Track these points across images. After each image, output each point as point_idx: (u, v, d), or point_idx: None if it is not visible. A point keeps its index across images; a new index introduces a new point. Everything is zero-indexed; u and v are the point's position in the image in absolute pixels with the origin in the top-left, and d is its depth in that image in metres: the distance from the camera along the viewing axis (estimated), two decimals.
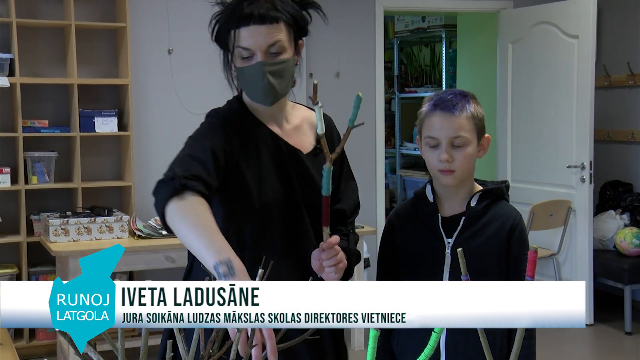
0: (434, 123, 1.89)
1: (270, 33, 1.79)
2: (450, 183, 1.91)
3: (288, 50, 1.84)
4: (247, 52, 1.80)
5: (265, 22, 1.78)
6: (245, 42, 1.79)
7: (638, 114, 5.87)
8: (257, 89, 1.84)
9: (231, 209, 1.87)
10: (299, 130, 1.98)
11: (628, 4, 5.93)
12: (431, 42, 7.86)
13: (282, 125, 1.95)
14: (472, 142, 1.89)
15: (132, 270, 4.83)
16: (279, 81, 1.83)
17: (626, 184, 5.93)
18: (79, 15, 4.81)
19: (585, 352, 5.06)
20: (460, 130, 1.86)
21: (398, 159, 7.92)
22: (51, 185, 4.78)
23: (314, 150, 1.95)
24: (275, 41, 1.80)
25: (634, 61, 5.85)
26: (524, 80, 5.85)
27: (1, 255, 4.81)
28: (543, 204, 5.34)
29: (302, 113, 2.03)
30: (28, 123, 4.71)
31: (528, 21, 5.78)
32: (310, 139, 1.98)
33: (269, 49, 1.80)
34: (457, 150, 1.87)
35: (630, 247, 5.37)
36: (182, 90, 4.95)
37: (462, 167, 1.88)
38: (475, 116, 1.89)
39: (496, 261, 1.90)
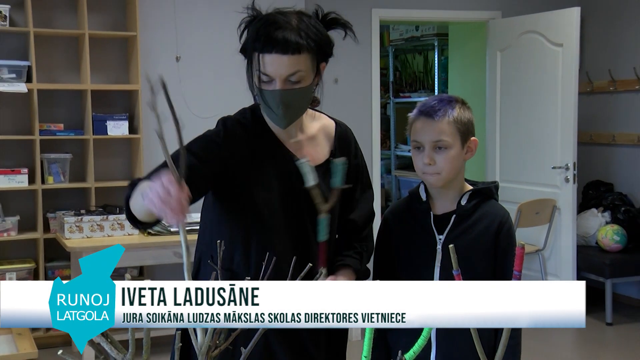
0: (417, 128, 1.90)
1: (292, 64, 1.73)
2: (434, 184, 1.91)
3: (307, 78, 1.78)
4: (267, 77, 1.74)
5: (288, 52, 1.71)
6: (267, 68, 1.73)
7: (619, 117, 5.85)
8: (272, 113, 1.79)
9: (237, 218, 1.84)
10: (314, 140, 1.93)
11: (609, 15, 5.91)
12: (424, 50, 7.83)
13: (296, 136, 1.90)
14: (455, 145, 1.87)
15: (142, 265, 4.80)
16: (293, 109, 1.79)
17: (607, 184, 5.91)
18: (92, 25, 4.79)
19: (569, 341, 5.03)
20: (441, 135, 1.86)
21: (393, 160, 7.89)
22: (66, 185, 4.75)
23: (326, 163, 1.90)
24: (295, 71, 1.74)
25: (615, 68, 5.83)
26: (512, 85, 5.83)
27: (20, 251, 4.80)
28: (529, 203, 5.32)
29: (321, 122, 1.98)
30: (44, 126, 4.69)
31: (515, 30, 5.76)
32: (325, 150, 1.93)
33: (288, 77, 1.74)
34: (439, 153, 1.87)
35: (611, 243, 5.36)
36: (189, 95, 4.92)
37: (445, 169, 1.87)
38: (459, 120, 1.87)
39: (485, 257, 1.89)
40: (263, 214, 1.82)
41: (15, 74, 4.56)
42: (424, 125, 1.88)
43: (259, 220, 1.82)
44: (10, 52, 4.73)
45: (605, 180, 5.95)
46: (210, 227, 1.91)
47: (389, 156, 7.87)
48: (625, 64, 5.75)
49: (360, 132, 5.61)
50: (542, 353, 4.63)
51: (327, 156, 1.93)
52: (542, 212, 5.41)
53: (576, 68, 5.30)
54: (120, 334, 4.97)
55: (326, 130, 1.96)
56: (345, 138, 1.98)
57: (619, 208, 5.57)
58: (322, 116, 1.99)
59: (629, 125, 5.76)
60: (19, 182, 4.59)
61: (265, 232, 1.83)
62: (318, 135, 1.94)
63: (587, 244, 5.59)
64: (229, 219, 1.86)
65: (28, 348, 3.41)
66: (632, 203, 5.64)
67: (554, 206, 5.46)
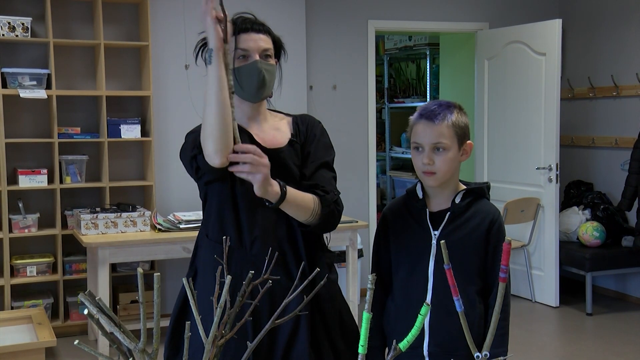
0: (418, 130, 1.91)
1: (264, 40, 1.90)
2: (431, 184, 1.92)
3: (273, 60, 1.94)
4: (244, 52, 1.86)
5: (260, 32, 1.90)
6: (245, 44, 1.86)
7: (598, 122, 5.85)
8: (252, 83, 1.87)
9: (224, 202, 1.91)
10: (277, 128, 1.99)
11: (589, 27, 5.91)
12: (417, 59, 7.82)
13: (262, 126, 1.96)
14: (452, 148, 1.88)
15: (153, 260, 4.80)
16: (270, 79, 1.90)
17: (587, 184, 5.91)
18: (108, 36, 4.79)
19: (551, 330, 5.02)
20: (440, 137, 1.87)
21: (388, 161, 7.88)
22: (83, 185, 4.74)
23: (289, 143, 1.95)
24: (267, 47, 1.90)
25: (594, 76, 5.83)
26: (499, 92, 5.82)
27: (40, 246, 4.80)
28: (515, 201, 5.32)
29: (282, 117, 2.05)
30: (62, 130, 4.69)
31: (502, 40, 5.75)
32: (287, 134, 1.98)
33: (263, 52, 1.88)
34: (438, 154, 1.88)
35: (591, 239, 5.35)
36: (197, 101, 4.91)
37: (442, 170, 1.88)
38: (457, 124, 1.88)
39: (476, 251, 1.90)
40: (241, 194, 1.88)
41: (36, 82, 4.56)
42: (425, 127, 1.88)
43: (243, 200, 1.89)
44: (31, 61, 4.73)
45: (586, 180, 5.95)
46: (208, 210, 1.98)
47: (384, 157, 7.87)
48: (604, 72, 5.75)
49: (357, 135, 5.67)
50: (525, 342, 4.62)
51: (289, 137, 1.97)
52: (527, 210, 5.40)
53: (558, 76, 5.30)
54: (132, 324, 4.99)
55: (287, 121, 2.03)
56: (302, 122, 2.01)
57: (598, 206, 5.56)
58: (277, 113, 2.06)
59: (607, 129, 5.76)
60: (39, 182, 4.58)
61: (249, 211, 1.89)
62: (280, 123, 2.01)
63: (568, 240, 5.58)
64: (215, 201, 1.94)
65: (47, 337, 3.42)
66: (610, 201, 5.64)
67: (538, 204, 5.46)
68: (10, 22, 4.49)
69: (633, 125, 5.44)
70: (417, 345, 1.90)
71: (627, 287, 5.62)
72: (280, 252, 1.87)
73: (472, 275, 1.89)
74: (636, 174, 5.14)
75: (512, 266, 5.43)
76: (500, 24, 5.99)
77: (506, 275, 0.97)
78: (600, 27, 5.81)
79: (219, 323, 1.04)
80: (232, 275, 1.08)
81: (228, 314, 1.07)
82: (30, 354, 3.28)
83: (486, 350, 1.00)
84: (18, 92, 4.47)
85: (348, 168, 5.47)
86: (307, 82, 5.39)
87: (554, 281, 5.40)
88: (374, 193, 5.73)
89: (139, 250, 4.27)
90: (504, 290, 0.97)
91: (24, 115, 4.72)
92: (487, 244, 1.89)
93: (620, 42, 5.63)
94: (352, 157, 5.57)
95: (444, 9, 5.90)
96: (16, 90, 4.48)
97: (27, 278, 4.60)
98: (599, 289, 5.75)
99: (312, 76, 5.47)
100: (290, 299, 1.07)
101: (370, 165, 5.67)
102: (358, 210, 5.55)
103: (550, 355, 4.46)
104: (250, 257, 1.87)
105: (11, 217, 4.57)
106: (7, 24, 4.49)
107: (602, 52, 5.79)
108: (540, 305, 5.48)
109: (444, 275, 1.40)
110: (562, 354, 4.49)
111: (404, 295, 1.95)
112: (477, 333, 1.86)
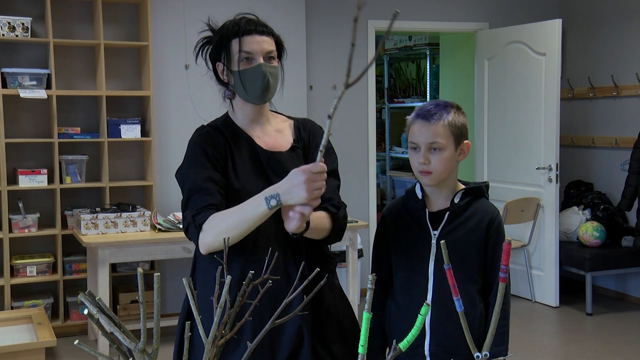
0: (414, 130, 1.91)
1: (268, 42, 1.88)
2: (428, 183, 1.92)
3: (276, 62, 1.92)
4: (248, 55, 1.85)
5: (264, 34, 1.88)
6: (249, 47, 1.85)
7: (597, 122, 5.85)
8: (256, 87, 1.86)
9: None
10: (280, 131, 1.97)
11: (589, 27, 5.91)
12: (417, 59, 7.81)
13: (264, 128, 1.95)
14: (449, 147, 1.88)
15: (153, 260, 4.80)
16: (274, 82, 1.89)
17: (587, 184, 5.91)
18: (107, 36, 4.80)
19: (551, 330, 5.02)
20: (436, 137, 1.87)
21: (388, 161, 7.88)
22: (82, 185, 4.74)
23: (291, 148, 1.94)
24: (271, 49, 1.88)
25: (594, 76, 5.83)
26: (498, 92, 5.82)
27: (40, 246, 4.80)
28: (515, 201, 5.32)
29: (284, 119, 2.03)
30: (62, 130, 4.69)
31: (502, 40, 5.75)
32: (289, 138, 1.97)
33: (267, 55, 1.87)
34: (434, 154, 1.88)
35: (591, 239, 5.35)
36: (197, 100, 4.91)
37: (438, 169, 1.88)
38: (453, 124, 1.88)
39: (476, 250, 1.89)
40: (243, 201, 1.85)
41: (36, 81, 4.56)
42: (421, 127, 1.88)
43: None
44: (31, 61, 4.73)
45: (586, 180, 5.95)
46: None
47: (384, 157, 7.87)
48: (604, 72, 5.75)
49: (357, 135, 5.67)
50: (525, 342, 4.62)
51: (291, 142, 1.95)
52: (527, 209, 5.40)
53: (558, 76, 5.29)
54: (132, 324, 4.97)
55: (289, 124, 2.01)
56: (304, 128, 2.00)
57: (598, 206, 5.56)
58: (279, 115, 2.05)
59: (607, 129, 5.76)
60: (39, 182, 4.58)
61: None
62: (282, 127, 1.99)
63: (568, 240, 5.58)
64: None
65: (47, 337, 3.41)
66: (610, 201, 5.64)
67: (538, 204, 5.46)
68: (10, 22, 4.50)
69: (633, 125, 5.44)
70: (417, 345, 1.90)
71: (627, 287, 5.62)
72: (283, 259, 1.85)
73: (472, 274, 1.89)
74: (636, 174, 5.14)
75: (512, 266, 5.43)
76: (500, 24, 5.99)
77: (506, 275, 0.97)
78: (600, 27, 5.81)
79: (219, 323, 1.04)
80: (234, 283, 1.08)
81: (228, 314, 1.07)
82: (30, 354, 3.28)
83: (486, 350, 1.00)
84: (18, 92, 4.47)
85: (348, 168, 5.47)
86: (307, 82, 5.40)
87: (554, 281, 5.41)
88: (373, 193, 5.72)
89: (139, 250, 4.27)
90: (504, 290, 0.97)
91: (24, 115, 4.72)
92: (486, 242, 1.90)
93: (620, 42, 5.63)
94: (352, 157, 5.57)
95: (443, 9, 5.90)
96: (16, 90, 4.48)
97: (27, 278, 4.60)
98: (599, 289, 5.75)
99: (312, 76, 5.47)
100: (290, 299, 1.07)
101: (370, 165, 5.67)
102: (358, 210, 5.55)
103: (550, 355, 4.45)
104: (252, 265, 1.84)
105: (11, 217, 4.57)
106: (7, 24, 4.49)
107: (602, 52, 5.79)
108: (540, 305, 5.48)
109: (444, 275, 1.40)
110: (562, 354, 4.49)
111: (404, 295, 1.94)
112: (477, 332, 1.87)
